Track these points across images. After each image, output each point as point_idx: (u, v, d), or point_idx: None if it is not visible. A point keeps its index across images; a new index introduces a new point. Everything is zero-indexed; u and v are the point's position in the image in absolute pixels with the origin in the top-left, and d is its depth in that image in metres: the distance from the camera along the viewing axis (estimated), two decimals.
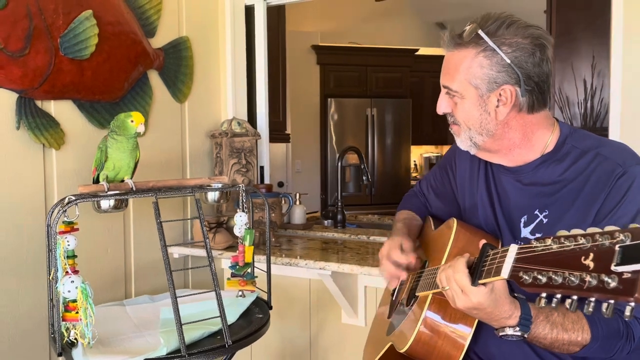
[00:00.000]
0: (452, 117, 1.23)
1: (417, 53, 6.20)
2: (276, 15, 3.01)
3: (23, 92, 1.80)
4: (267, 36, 2.74)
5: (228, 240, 2.32)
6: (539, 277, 0.77)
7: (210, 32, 2.61)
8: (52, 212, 1.64)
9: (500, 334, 0.99)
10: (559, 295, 0.76)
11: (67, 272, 1.51)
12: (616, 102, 1.94)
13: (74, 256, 1.54)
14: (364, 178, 2.93)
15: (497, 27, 1.12)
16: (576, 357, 1.09)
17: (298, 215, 2.74)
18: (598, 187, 1.08)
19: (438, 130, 6.83)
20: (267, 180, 2.80)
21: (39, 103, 1.87)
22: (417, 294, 1.22)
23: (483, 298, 0.94)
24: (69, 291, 1.50)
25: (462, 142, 1.23)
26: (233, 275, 1.84)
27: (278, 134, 3.14)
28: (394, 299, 1.47)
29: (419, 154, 7.00)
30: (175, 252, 2.40)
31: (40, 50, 1.81)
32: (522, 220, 1.18)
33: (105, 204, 1.66)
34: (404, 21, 6.80)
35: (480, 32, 1.12)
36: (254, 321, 1.79)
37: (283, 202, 2.67)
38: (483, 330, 1.14)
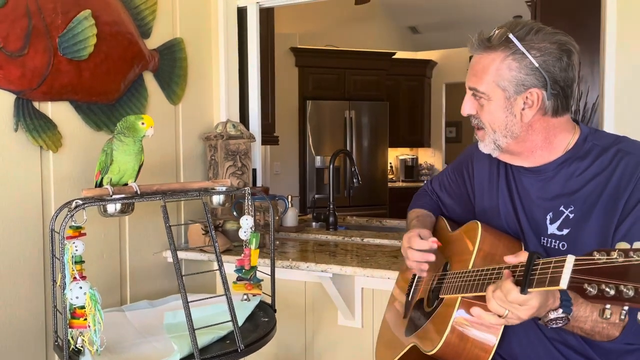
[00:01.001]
0: (476, 120, 1.25)
1: (393, 57, 6.27)
2: (265, 17, 3.00)
3: (21, 93, 1.75)
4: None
5: (225, 244, 2.30)
6: (607, 289, 0.78)
7: (203, 33, 2.58)
8: (57, 216, 1.60)
9: (545, 320, 1.02)
10: (626, 308, 0.78)
11: (74, 277, 1.48)
12: (610, 107, 2.02)
13: (82, 261, 1.51)
14: (354, 180, 2.94)
15: (526, 32, 1.15)
16: (604, 350, 1.13)
17: (290, 217, 2.74)
18: (623, 181, 1.13)
19: (413, 132, 6.93)
20: (258, 183, 2.79)
21: (36, 104, 1.81)
22: (441, 296, 1.24)
23: (538, 300, 0.96)
24: (77, 297, 1.46)
25: (486, 146, 1.25)
26: (239, 279, 1.83)
27: (267, 136, 3.13)
28: (409, 299, 1.48)
29: (394, 156, 7.07)
30: (170, 256, 2.37)
31: (39, 50, 1.76)
32: (548, 217, 1.21)
33: (112, 208, 1.63)
34: (378, 25, 6.88)
35: (510, 35, 1.14)
36: (261, 325, 1.79)
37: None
38: (506, 331, 1.16)
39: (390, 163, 6.90)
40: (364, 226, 3.13)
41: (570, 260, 0.87)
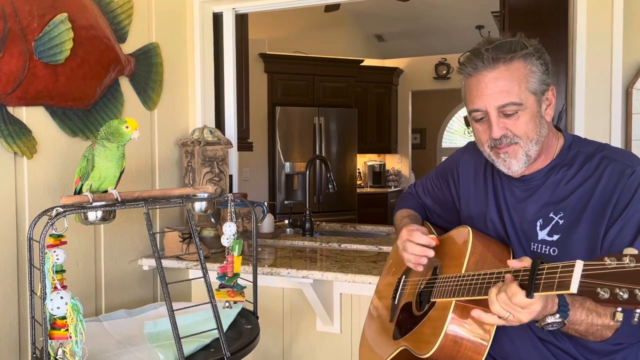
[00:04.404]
0: (507, 138, 1.21)
1: (361, 64, 6.33)
2: (240, 23, 2.99)
3: None
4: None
5: (203, 251, 2.27)
6: (620, 293, 0.81)
7: (179, 38, 2.56)
8: (35, 224, 1.55)
9: (542, 324, 1.04)
10: (638, 311, 0.81)
11: (55, 287, 1.44)
12: (580, 114, 2.10)
13: (63, 271, 1.47)
14: (330, 186, 2.96)
15: (523, 38, 1.21)
16: (593, 350, 1.17)
17: (266, 224, 2.73)
18: (609, 188, 1.17)
19: (381, 139, 7.01)
20: (234, 189, 2.77)
21: (10, 109, 1.76)
22: (433, 300, 1.26)
23: (540, 304, 0.99)
24: (58, 307, 1.43)
25: (518, 162, 1.22)
26: (222, 286, 1.81)
27: (242, 142, 3.11)
28: (395, 302, 1.49)
29: (362, 162, 7.13)
30: (145, 264, 2.33)
31: (14, 54, 1.71)
32: (538, 223, 1.24)
33: (93, 215, 1.60)
34: (345, 32, 6.94)
35: (524, 42, 1.19)
36: (244, 332, 1.78)
37: None
38: (497, 331, 1.19)
39: (359, 169, 6.96)
40: (339, 232, 3.14)
41: (579, 265, 0.89)
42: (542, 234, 1.22)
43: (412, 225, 1.38)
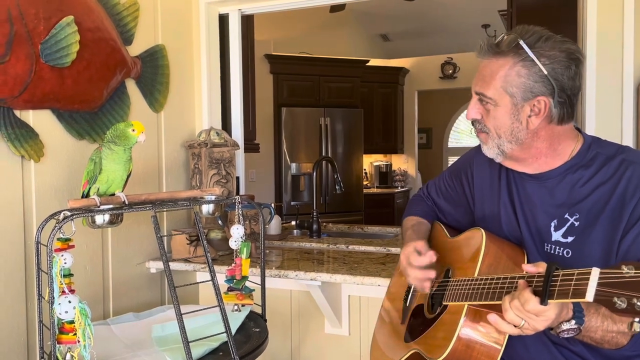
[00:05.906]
0: (480, 124, 1.25)
1: (367, 64, 6.31)
2: (245, 25, 2.98)
3: (2, 101, 1.69)
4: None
5: (210, 253, 2.26)
6: (638, 303, 0.78)
7: (185, 40, 2.55)
8: (42, 228, 1.54)
9: (558, 331, 1.02)
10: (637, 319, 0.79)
11: (63, 291, 1.43)
12: (591, 113, 2.08)
13: (70, 274, 1.46)
14: (337, 187, 2.94)
15: (536, 39, 1.15)
16: (607, 355, 1.15)
17: (274, 226, 2.72)
18: (629, 191, 1.14)
19: (387, 139, 6.99)
20: (241, 191, 2.76)
21: (17, 113, 1.76)
22: (445, 303, 1.24)
23: (555, 311, 0.97)
24: (66, 312, 1.42)
25: (490, 150, 1.25)
26: (230, 289, 1.80)
27: (249, 143, 3.10)
28: (407, 304, 1.48)
29: (369, 162, 7.11)
30: (153, 267, 2.32)
31: (20, 57, 1.71)
32: (553, 224, 1.21)
33: (100, 219, 1.59)
34: (350, 32, 6.92)
35: (521, 42, 1.14)
36: (253, 335, 1.76)
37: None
38: (511, 335, 1.17)
39: (365, 169, 6.94)
40: (346, 233, 3.13)
41: (595, 272, 0.86)
42: (557, 235, 1.20)
43: (409, 246, 1.37)
